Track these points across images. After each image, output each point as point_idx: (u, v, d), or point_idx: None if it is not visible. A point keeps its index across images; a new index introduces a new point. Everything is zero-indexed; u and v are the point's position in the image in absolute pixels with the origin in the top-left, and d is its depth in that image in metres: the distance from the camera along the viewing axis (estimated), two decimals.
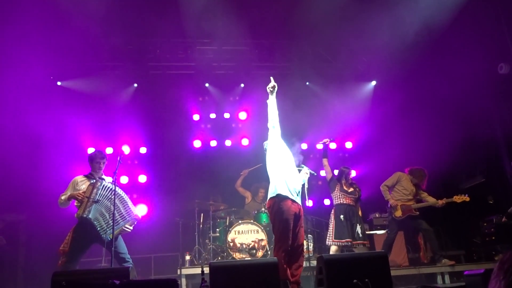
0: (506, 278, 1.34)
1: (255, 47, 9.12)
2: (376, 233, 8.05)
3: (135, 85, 9.23)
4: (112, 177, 5.13)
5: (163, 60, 8.95)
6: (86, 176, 5.36)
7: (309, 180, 5.22)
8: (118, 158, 5.18)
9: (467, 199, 6.79)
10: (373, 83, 9.79)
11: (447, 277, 6.69)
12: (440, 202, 6.91)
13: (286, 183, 4.66)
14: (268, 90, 4.89)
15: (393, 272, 5.06)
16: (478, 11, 7.62)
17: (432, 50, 8.23)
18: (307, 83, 9.60)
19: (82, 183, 5.25)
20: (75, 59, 8.50)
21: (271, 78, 4.93)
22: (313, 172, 5.17)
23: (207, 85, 9.47)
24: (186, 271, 6.62)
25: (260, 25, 8.35)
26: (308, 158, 9.28)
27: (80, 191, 5.10)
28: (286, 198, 4.60)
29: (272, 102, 4.87)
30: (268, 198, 4.78)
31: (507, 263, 1.38)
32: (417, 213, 6.99)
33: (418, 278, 6.87)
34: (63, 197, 5.13)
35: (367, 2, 7.44)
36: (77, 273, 4.34)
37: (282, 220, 4.54)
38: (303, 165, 5.19)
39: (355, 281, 3.98)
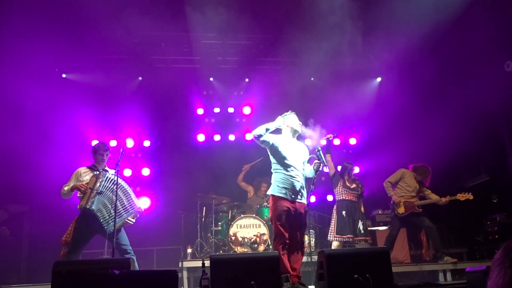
0: None
1: (260, 42, 9.08)
2: (378, 229, 8.03)
3: (140, 78, 9.22)
4: (115, 169, 5.14)
5: (167, 54, 8.92)
6: (89, 167, 5.38)
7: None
8: (121, 150, 5.19)
9: (471, 197, 6.73)
10: (378, 79, 9.73)
11: (449, 275, 6.67)
12: (444, 199, 6.87)
13: (283, 183, 4.73)
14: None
15: (395, 269, 5.05)
16: (485, 8, 7.55)
17: (437, 47, 8.17)
18: (312, 79, 9.56)
19: (85, 175, 5.27)
20: (80, 51, 8.50)
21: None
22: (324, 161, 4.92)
23: (211, 79, 9.44)
24: (187, 264, 6.64)
25: (265, 19, 8.31)
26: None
27: (83, 182, 5.13)
28: (280, 197, 4.70)
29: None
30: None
31: None
32: (420, 210, 6.96)
33: (420, 275, 6.84)
34: (66, 188, 5.15)
35: None
36: (78, 263, 4.37)
37: (275, 216, 4.69)
38: (319, 148, 4.91)
39: (356, 276, 3.98)
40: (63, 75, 8.80)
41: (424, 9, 7.28)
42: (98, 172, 5.20)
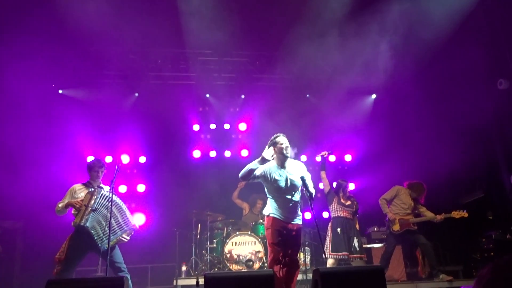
0: None
1: (256, 59, 9.17)
2: (373, 247, 8.00)
3: (136, 94, 9.27)
4: (110, 186, 5.12)
5: (164, 70, 8.98)
6: (84, 184, 5.36)
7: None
8: (116, 167, 5.17)
9: (466, 215, 6.73)
10: (373, 96, 9.81)
11: None
12: (439, 217, 6.86)
13: (276, 207, 4.76)
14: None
15: (390, 287, 5.03)
16: (477, 26, 7.68)
17: (431, 66, 8.27)
18: (307, 96, 9.63)
19: (80, 191, 5.24)
20: (77, 67, 8.55)
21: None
22: (310, 191, 4.71)
23: (207, 95, 9.49)
24: (182, 281, 6.59)
25: (261, 36, 8.41)
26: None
27: (78, 199, 5.10)
28: (274, 218, 4.73)
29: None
30: None
31: (485, 277, 1.36)
32: (415, 227, 6.95)
33: None
34: (60, 205, 5.12)
35: (367, 16, 7.51)
36: (71, 281, 4.31)
37: (269, 235, 4.71)
38: (304, 178, 4.73)
39: None
40: (60, 91, 8.82)
41: (418, 27, 7.39)
42: (93, 189, 5.18)
